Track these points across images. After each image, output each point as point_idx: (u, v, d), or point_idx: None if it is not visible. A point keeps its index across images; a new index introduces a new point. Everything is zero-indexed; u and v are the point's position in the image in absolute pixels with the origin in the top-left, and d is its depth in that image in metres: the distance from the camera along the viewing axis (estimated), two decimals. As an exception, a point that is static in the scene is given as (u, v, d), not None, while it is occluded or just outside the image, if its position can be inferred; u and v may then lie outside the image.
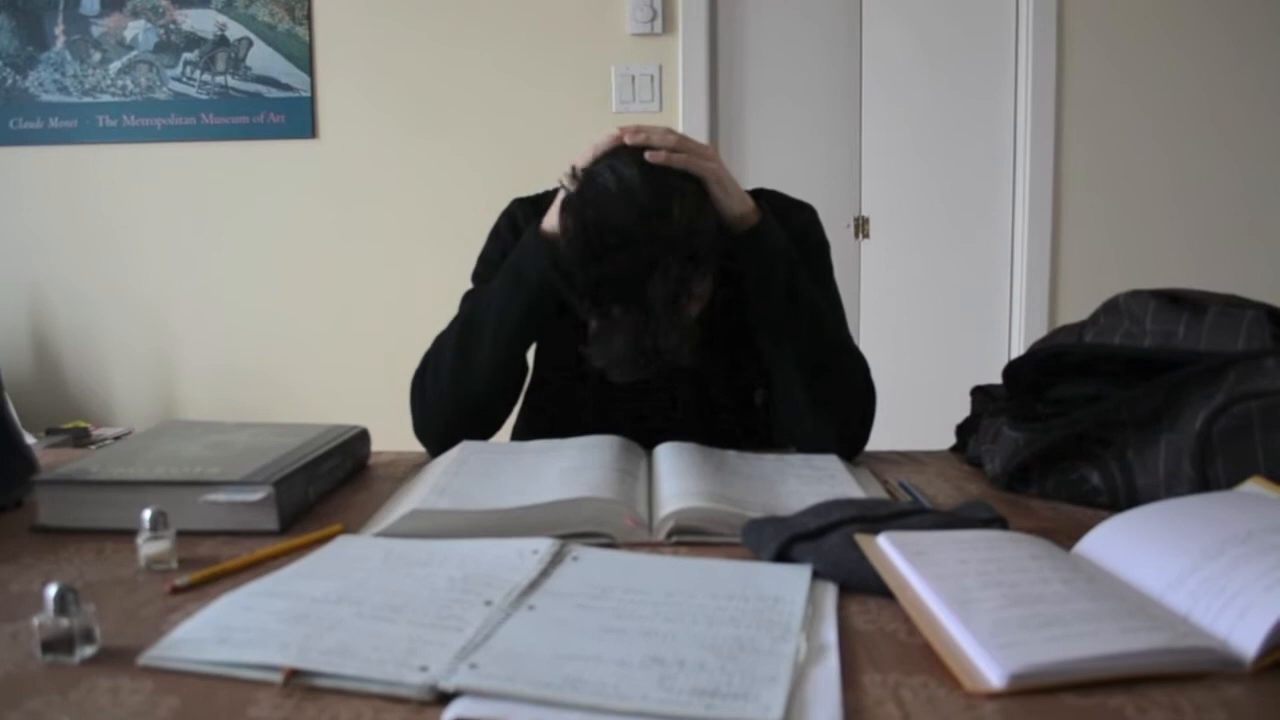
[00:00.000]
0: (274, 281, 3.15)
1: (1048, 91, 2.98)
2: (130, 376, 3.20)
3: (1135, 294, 1.07)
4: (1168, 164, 3.00)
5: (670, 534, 0.85)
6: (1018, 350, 3.05)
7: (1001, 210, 3.11)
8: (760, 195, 1.39)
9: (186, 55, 3.08)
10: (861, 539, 0.75)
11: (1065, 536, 0.79)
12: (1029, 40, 2.98)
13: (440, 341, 1.25)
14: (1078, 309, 1.32)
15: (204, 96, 3.09)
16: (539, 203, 1.37)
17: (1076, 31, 2.97)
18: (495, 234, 1.37)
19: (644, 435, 1.15)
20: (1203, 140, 2.99)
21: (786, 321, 1.18)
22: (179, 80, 3.09)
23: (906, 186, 3.14)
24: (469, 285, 1.36)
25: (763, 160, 3.13)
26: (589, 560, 0.77)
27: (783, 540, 0.77)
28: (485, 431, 1.23)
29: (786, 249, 1.18)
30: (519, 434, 1.40)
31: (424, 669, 0.57)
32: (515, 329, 1.20)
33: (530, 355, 1.29)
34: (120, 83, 3.10)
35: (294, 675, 0.58)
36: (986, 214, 3.12)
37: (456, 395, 1.21)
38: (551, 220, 1.17)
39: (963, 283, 3.15)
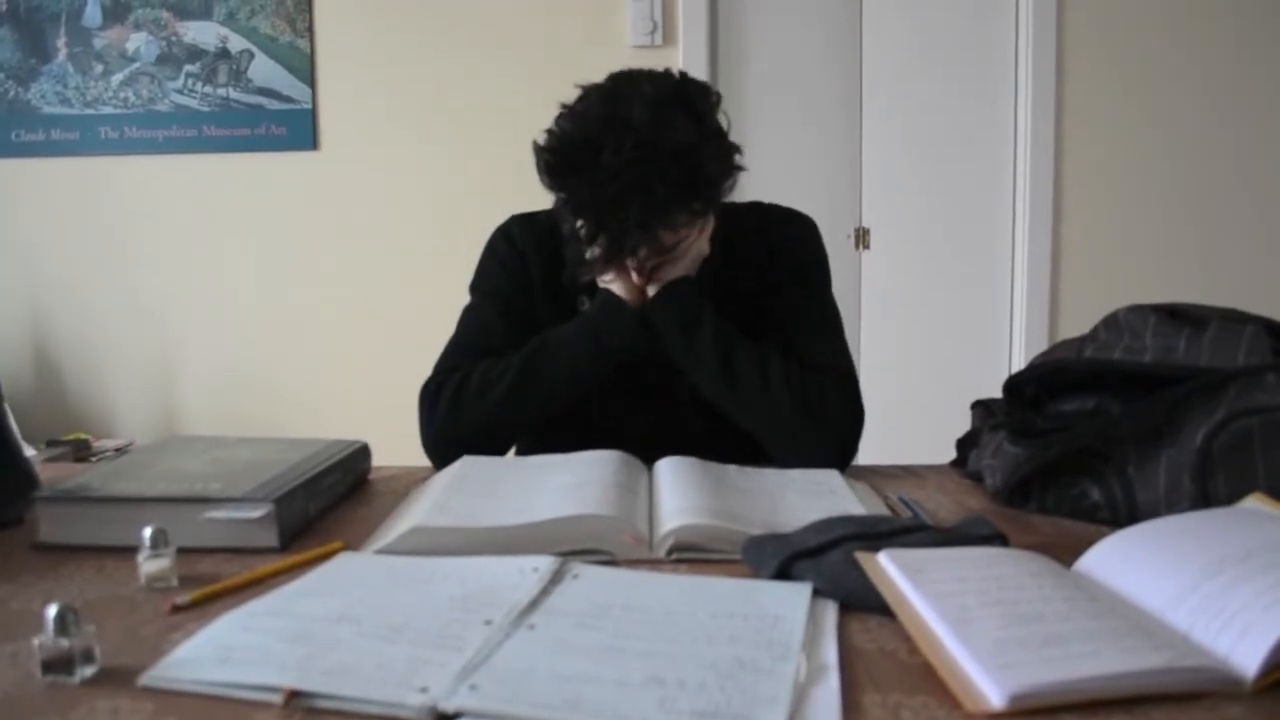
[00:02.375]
0: (275, 293, 3.15)
1: (1048, 102, 2.99)
2: (132, 388, 3.20)
3: (1135, 309, 1.07)
4: (1168, 174, 3.01)
5: (670, 551, 0.85)
6: (1018, 364, 3.05)
7: (1002, 222, 3.12)
8: (757, 208, 1.40)
9: (188, 67, 3.09)
10: (862, 556, 0.75)
11: (1065, 553, 0.79)
12: (1029, 50, 2.99)
13: (476, 364, 1.25)
14: (1078, 323, 1.32)
15: (205, 108, 3.10)
16: (534, 218, 1.38)
17: (1077, 43, 2.97)
18: (491, 249, 1.37)
19: (646, 439, 1.15)
20: (1205, 153, 3.00)
21: (696, 369, 1.23)
22: (180, 92, 3.10)
23: (907, 197, 3.14)
24: (469, 298, 1.37)
25: (763, 172, 3.13)
26: (589, 578, 0.77)
27: (783, 558, 0.77)
28: (502, 451, 1.24)
29: (687, 312, 1.22)
30: (524, 441, 1.40)
31: (424, 690, 0.57)
32: (584, 386, 1.25)
33: None
34: (122, 95, 3.10)
35: (294, 696, 0.58)
36: (987, 226, 3.13)
37: (502, 425, 1.23)
38: (617, 284, 1.23)
39: (963, 295, 3.15)
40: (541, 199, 1.42)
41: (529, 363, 1.23)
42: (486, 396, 1.22)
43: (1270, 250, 3.02)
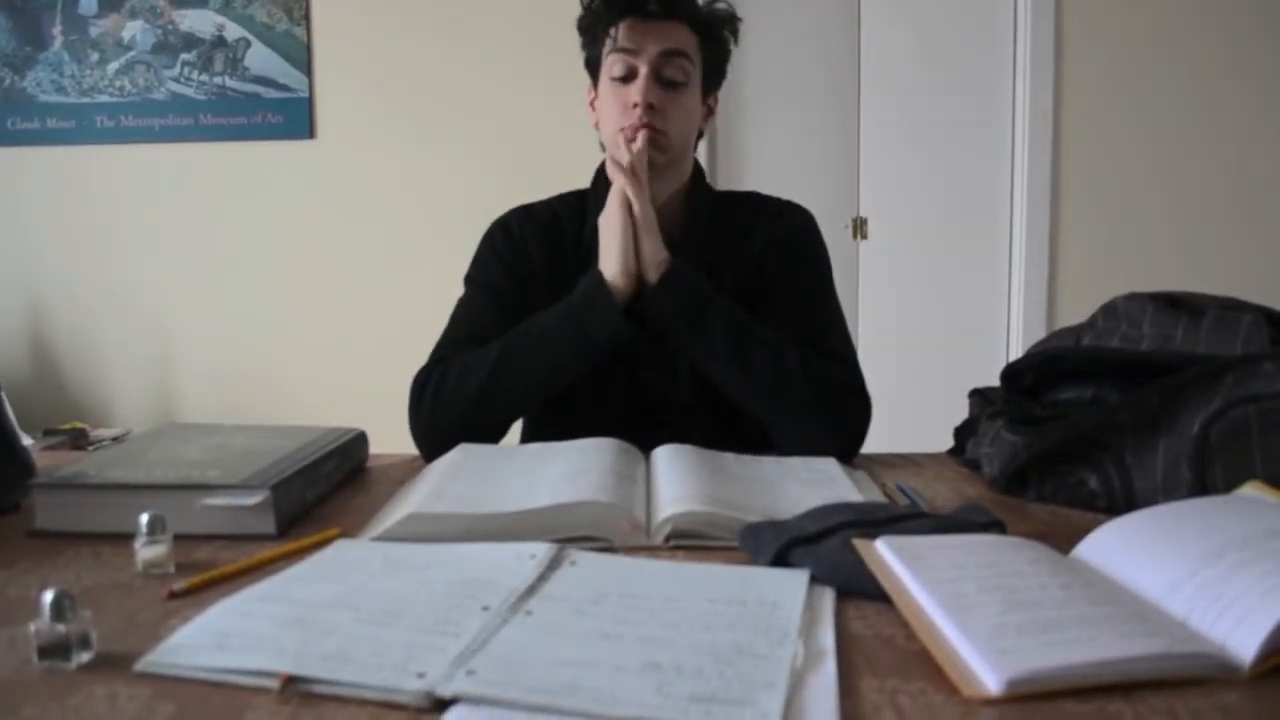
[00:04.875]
0: (272, 282, 3.15)
1: (1046, 91, 2.99)
2: (128, 377, 3.19)
3: (1133, 297, 1.07)
4: (1166, 165, 3.01)
5: (668, 538, 0.85)
6: (1016, 352, 3.05)
7: (1000, 211, 3.12)
8: (753, 198, 1.39)
9: (184, 56, 3.08)
10: (859, 543, 0.75)
11: (1063, 540, 0.79)
12: (1027, 39, 2.98)
13: (460, 355, 1.24)
14: (1076, 311, 1.32)
15: (202, 97, 3.09)
16: (533, 210, 1.37)
17: (1074, 31, 2.97)
18: (489, 241, 1.36)
19: (643, 427, 1.15)
20: (1201, 140, 3.00)
21: (709, 360, 1.21)
22: (177, 81, 3.09)
23: (905, 187, 3.14)
24: (463, 289, 1.36)
25: (761, 161, 3.13)
26: (587, 565, 0.77)
27: (781, 544, 0.77)
28: (494, 441, 1.23)
29: (693, 299, 1.21)
30: (527, 429, 1.39)
31: (421, 675, 0.57)
32: (567, 375, 1.22)
33: None
34: (118, 83, 3.09)
35: (291, 681, 0.58)
36: (985, 215, 3.13)
37: (481, 413, 1.20)
38: (609, 265, 1.20)
39: (961, 284, 3.16)
40: (538, 192, 1.42)
41: (504, 357, 1.20)
42: (462, 391, 1.20)
43: (1267, 241, 3.02)
